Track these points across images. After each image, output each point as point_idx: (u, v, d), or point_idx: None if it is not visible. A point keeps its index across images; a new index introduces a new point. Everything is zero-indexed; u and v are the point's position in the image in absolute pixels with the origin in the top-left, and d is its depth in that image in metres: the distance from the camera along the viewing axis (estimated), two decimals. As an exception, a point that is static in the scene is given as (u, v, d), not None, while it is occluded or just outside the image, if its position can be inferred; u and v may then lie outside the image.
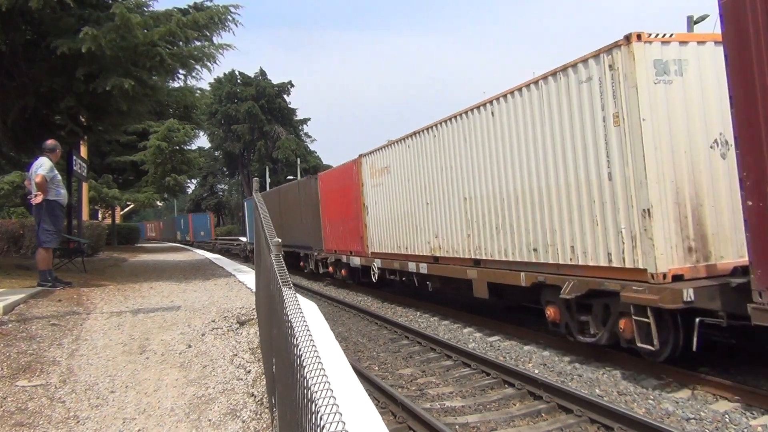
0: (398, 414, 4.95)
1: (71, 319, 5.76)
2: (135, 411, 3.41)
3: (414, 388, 5.87)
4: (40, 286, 7.37)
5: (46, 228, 7.37)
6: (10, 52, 8.69)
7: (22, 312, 5.81)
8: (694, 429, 4.46)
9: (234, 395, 3.63)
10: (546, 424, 4.74)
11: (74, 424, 3.20)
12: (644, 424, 4.24)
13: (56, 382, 3.86)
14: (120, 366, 4.28)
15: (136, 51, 8.48)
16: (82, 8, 8.46)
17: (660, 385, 5.51)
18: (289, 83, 55.76)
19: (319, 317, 4.48)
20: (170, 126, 22.27)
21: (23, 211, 25.34)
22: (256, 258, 5.43)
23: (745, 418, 4.60)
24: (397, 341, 8.15)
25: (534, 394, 5.33)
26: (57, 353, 4.52)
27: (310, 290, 14.49)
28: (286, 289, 1.84)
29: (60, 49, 7.88)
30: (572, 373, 6.05)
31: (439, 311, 10.18)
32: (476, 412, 5.09)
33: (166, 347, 4.79)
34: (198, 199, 61.24)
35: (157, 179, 23.32)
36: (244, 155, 56.64)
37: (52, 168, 7.51)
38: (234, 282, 9.56)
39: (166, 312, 6.34)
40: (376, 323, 9.52)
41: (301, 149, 53.88)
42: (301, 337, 1.36)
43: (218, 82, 52.94)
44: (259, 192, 5.26)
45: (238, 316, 5.94)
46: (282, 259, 2.33)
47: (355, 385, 2.61)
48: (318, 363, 1.17)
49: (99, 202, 23.33)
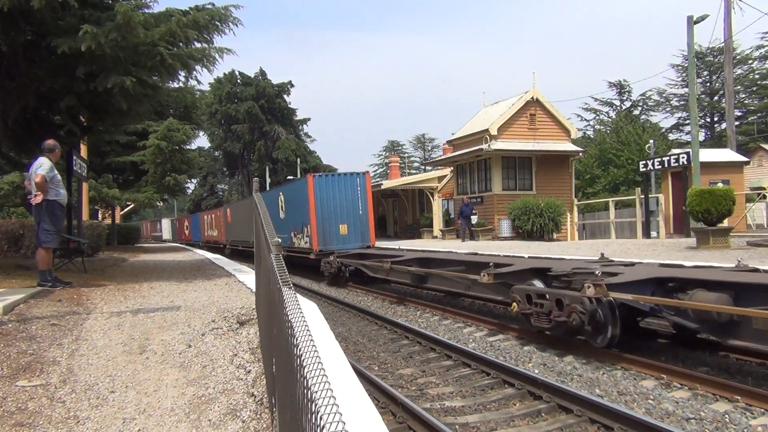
0: (398, 414, 4.95)
1: (71, 319, 5.76)
2: (135, 411, 3.40)
3: (414, 388, 5.86)
4: (40, 286, 7.37)
5: (46, 228, 7.38)
6: (11, 51, 8.69)
7: (22, 312, 5.81)
8: (694, 429, 4.46)
9: (234, 395, 3.63)
10: (546, 424, 4.73)
11: (74, 424, 3.20)
12: (644, 424, 4.24)
13: (56, 382, 3.86)
14: (120, 366, 4.28)
15: (136, 50, 8.49)
16: (83, 8, 8.47)
17: (660, 385, 5.51)
18: (289, 83, 55.79)
19: (319, 317, 4.48)
20: (170, 125, 22.26)
21: (23, 211, 25.37)
22: (256, 258, 5.43)
23: (745, 418, 4.59)
24: (397, 341, 8.14)
25: (534, 394, 5.33)
26: (57, 353, 4.52)
27: (310, 290, 14.49)
28: (286, 289, 1.84)
29: (60, 48, 7.88)
30: (572, 373, 6.05)
31: (439, 311, 10.18)
32: (476, 412, 5.09)
33: (166, 347, 4.79)
34: (198, 199, 61.24)
35: (157, 179, 23.31)
36: (244, 155, 56.62)
37: (52, 168, 7.51)
38: (234, 282, 9.56)
39: (166, 312, 6.34)
40: (376, 323, 9.52)
41: (301, 149, 53.89)
42: (301, 337, 1.36)
43: (218, 82, 52.93)
44: (259, 192, 5.26)
45: (238, 316, 5.94)
46: (282, 259, 2.33)
47: (355, 385, 2.61)
48: (318, 363, 1.17)
49: (99, 202, 23.33)
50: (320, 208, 15.68)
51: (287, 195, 18.95)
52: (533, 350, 7.07)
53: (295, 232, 17.75)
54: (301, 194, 16.50)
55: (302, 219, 16.74)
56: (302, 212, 16.64)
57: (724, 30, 23.16)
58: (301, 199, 16.63)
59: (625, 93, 50.64)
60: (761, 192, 21.93)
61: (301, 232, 17.03)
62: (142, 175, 24.16)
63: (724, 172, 19.37)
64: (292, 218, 17.98)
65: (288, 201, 18.65)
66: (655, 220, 19.77)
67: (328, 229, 15.75)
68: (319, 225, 15.60)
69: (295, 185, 18.80)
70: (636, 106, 51.15)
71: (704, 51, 43.16)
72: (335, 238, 15.73)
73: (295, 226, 17.64)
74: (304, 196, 16.13)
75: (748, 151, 29.88)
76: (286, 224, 18.46)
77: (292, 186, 19.53)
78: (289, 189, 19.19)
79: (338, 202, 15.95)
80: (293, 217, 17.87)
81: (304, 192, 16.20)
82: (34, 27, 8.88)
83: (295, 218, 17.59)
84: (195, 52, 9.47)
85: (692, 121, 17.75)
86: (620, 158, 34.95)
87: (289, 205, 18.58)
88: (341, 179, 16.23)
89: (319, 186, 15.80)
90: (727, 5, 22.73)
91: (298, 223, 17.29)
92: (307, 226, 16.17)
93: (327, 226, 15.73)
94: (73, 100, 9.02)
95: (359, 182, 16.21)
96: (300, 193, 16.78)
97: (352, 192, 16.09)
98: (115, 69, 8.41)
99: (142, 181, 24.30)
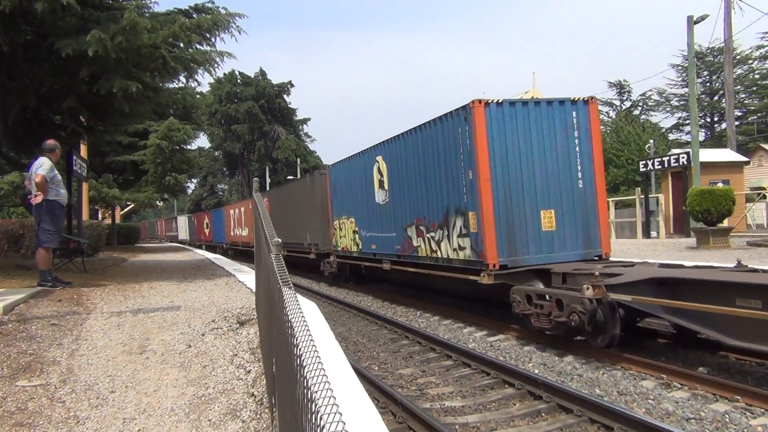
0: (398, 414, 4.95)
1: (71, 319, 5.76)
2: (135, 411, 3.41)
3: (414, 388, 5.86)
4: (40, 286, 7.37)
5: (46, 228, 7.38)
6: (11, 52, 8.69)
7: (22, 312, 5.81)
8: (694, 429, 4.46)
9: (234, 395, 3.64)
10: (546, 424, 4.73)
11: (74, 424, 3.20)
12: (644, 424, 4.24)
13: (56, 382, 3.86)
14: (120, 366, 4.28)
15: (138, 53, 8.49)
16: (83, 8, 8.47)
17: (660, 385, 5.51)
18: (289, 83, 55.78)
19: (319, 317, 4.48)
20: (170, 125, 22.27)
21: (23, 211, 25.38)
22: (256, 258, 5.43)
23: (745, 418, 4.59)
24: (397, 341, 8.14)
25: (534, 394, 5.33)
26: (57, 353, 4.52)
27: (310, 290, 14.49)
28: (286, 289, 1.84)
29: (64, 50, 7.88)
30: (572, 373, 6.05)
31: (439, 311, 10.17)
32: (476, 412, 5.09)
33: (166, 347, 4.79)
34: (198, 199, 61.29)
35: (157, 179, 23.32)
36: (244, 155, 56.62)
37: (52, 168, 7.52)
38: (234, 282, 9.56)
39: (166, 312, 6.34)
40: (376, 323, 9.52)
41: (301, 149, 53.88)
42: (301, 337, 1.36)
43: (218, 82, 52.92)
44: (259, 192, 5.26)
45: (238, 316, 5.94)
46: (282, 259, 2.32)
47: (355, 385, 2.61)
48: (318, 363, 1.17)
49: (99, 202, 23.33)
50: (500, 175, 7.88)
51: (399, 156, 10.35)
52: (533, 350, 7.07)
53: (419, 227, 9.72)
54: (449, 148, 8.52)
55: (445, 201, 8.76)
56: (447, 186, 8.69)
57: (724, 30, 23.18)
58: (446, 160, 8.63)
59: (625, 93, 50.61)
60: (761, 192, 21.94)
61: (444, 225, 8.84)
62: (142, 174, 24.16)
63: (724, 172, 19.38)
64: (414, 201, 9.86)
65: (402, 167, 10.22)
66: (655, 220, 19.78)
67: (517, 222, 7.96)
68: (498, 212, 7.86)
69: (429, 132, 9.20)
70: (636, 106, 51.14)
71: (704, 51, 43.13)
72: (531, 240, 8.02)
73: (420, 214, 9.68)
74: (456, 150, 8.30)
75: (748, 151, 29.87)
76: (393, 214, 10.81)
77: (415, 137, 9.69)
78: (409, 142, 9.92)
79: (535, 161, 8.07)
80: (417, 197, 9.74)
81: (455, 141, 8.32)
82: (34, 27, 8.89)
83: (422, 200, 9.56)
84: (197, 55, 9.49)
85: (692, 121, 17.76)
86: (620, 158, 34.96)
87: (403, 175, 10.19)
88: (540, 112, 8.18)
89: (498, 126, 7.90)
90: (727, 5, 22.74)
91: (433, 207, 9.18)
92: (462, 217, 8.33)
93: (514, 214, 7.94)
94: (73, 101, 9.03)
95: (576, 119, 8.27)
96: (443, 144, 8.68)
97: (563, 141, 8.20)
98: (117, 71, 8.42)
99: (142, 180, 24.31)
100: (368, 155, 11.89)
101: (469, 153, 8.02)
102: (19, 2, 7.33)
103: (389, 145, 10.86)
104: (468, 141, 8.02)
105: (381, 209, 11.37)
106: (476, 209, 7.94)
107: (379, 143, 11.32)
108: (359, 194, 12.56)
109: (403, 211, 10.37)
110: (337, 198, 14.26)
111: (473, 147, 7.87)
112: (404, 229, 10.33)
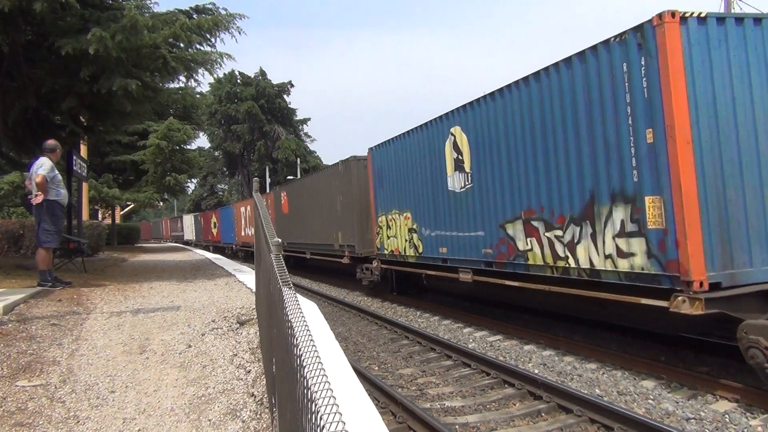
0: (398, 414, 4.95)
1: (71, 319, 5.76)
2: (135, 411, 3.41)
3: (414, 388, 5.87)
4: (40, 286, 7.37)
5: (46, 228, 7.38)
6: (11, 52, 8.69)
7: (22, 312, 5.81)
8: (694, 429, 4.46)
9: (234, 395, 3.63)
10: (546, 424, 4.74)
11: (74, 424, 3.20)
12: (644, 424, 4.24)
13: (56, 382, 3.86)
14: (120, 366, 4.28)
15: (139, 53, 8.50)
16: (84, 8, 8.47)
17: (660, 385, 5.51)
18: (289, 83, 55.77)
19: (319, 317, 4.48)
20: (170, 125, 22.27)
21: (23, 211, 25.37)
22: (256, 258, 5.44)
23: (745, 418, 4.60)
24: (397, 341, 8.15)
25: (534, 394, 5.33)
26: (57, 353, 4.52)
27: (310, 290, 14.49)
28: (286, 289, 1.84)
29: (64, 49, 7.88)
30: (572, 373, 6.05)
31: (439, 311, 10.17)
32: (476, 412, 5.09)
33: (166, 347, 4.79)
34: (198, 199, 61.29)
35: (157, 179, 23.33)
36: (244, 155, 56.62)
37: (53, 168, 7.52)
38: (234, 282, 9.56)
39: (166, 312, 6.34)
40: (376, 323, 9.52)
41: (301, 149, 53.87)
42: (301, 337, 1.36)
43: (218, 82, 52.91)
44: (259, 192, 5.26)
45: (238, 316, 5.94)
46: (282, 259, 2.29)
47: (355, 385, 2.61)
48: (318, 363, 1.17)
49: (99, 202, 23.34)
50: (706, 138, 5.06)
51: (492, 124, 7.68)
52: (533, 350, 7.07)
53: (531, 223, 6.97)
54: (600, 97, 5.77)
55: (588, 182, 6.02)
56: (593, 158, 5.94)
57: (724, 30, 23.17)
58: (593, 118, 5.90)
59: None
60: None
61: (585, 219, 6.08)
62: (143, 174, 24.18)
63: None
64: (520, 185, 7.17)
65: (497, 139, 7.59)
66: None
67: (734, 214, 5.12)
68: (705, 196, 5.04)
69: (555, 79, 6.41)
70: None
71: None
72: (757, 242, 5.17)
73: (531, 204, 6.97)
74: (618, 99, 5.56)
75: None
76: (480, 205, 8.11)
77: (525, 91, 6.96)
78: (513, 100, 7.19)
79: (758, 116, 5.24)
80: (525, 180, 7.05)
81: (615, 85, 5.59)
82: (34, 27, 8.89)
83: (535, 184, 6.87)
84: (198, 56, 9.50)
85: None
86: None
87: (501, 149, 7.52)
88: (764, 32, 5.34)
89: (701, 56, 5.08)
90: (727, 5, 22.74)
91: (559, 193, 6.45)
92: (627, 205, 5.53)
93: (729, 200, 5.12)
94: (73, 101, 9.03)
95: None
96: (589, 92, 5.92)
97: None
98: (117, 70, 8.42)
99: (143, 180, 24.32)
100: (435, 128, 9.24)
101: (647, 101, 5.25)
102: (18, 2, 7.33)
103: (473, 109, 8.12)
104: (646, 81, 5.25)
105: (458, 199, 8.64)
106: (662, 192, 5.15)
107: (456, 109, 8.61)
108: (420, 181, 9.95)
109: (499, 201, 7.63)
110: (384, 188, 11.57)
111: (658, 90, 5.12)
112: (500, 226, 7.58)
